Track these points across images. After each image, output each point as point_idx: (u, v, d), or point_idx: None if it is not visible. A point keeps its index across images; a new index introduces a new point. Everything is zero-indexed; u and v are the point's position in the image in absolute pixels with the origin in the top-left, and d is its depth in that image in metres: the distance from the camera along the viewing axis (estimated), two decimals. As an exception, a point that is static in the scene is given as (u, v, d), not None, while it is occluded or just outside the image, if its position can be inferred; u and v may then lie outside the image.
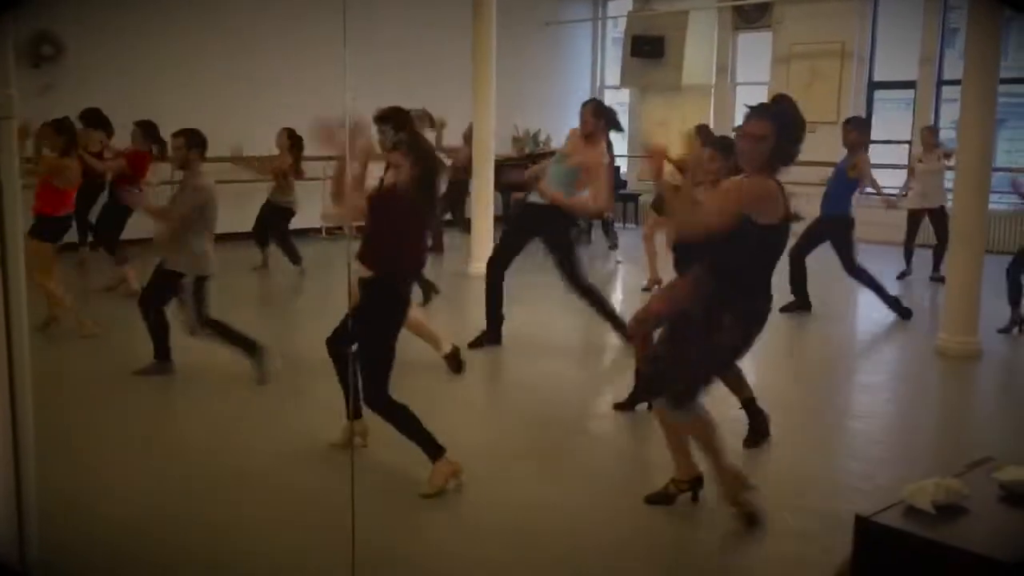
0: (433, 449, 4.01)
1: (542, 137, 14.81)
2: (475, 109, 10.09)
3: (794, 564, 3.50)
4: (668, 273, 5.63)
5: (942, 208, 9.59)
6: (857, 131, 7.96)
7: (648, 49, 14.43)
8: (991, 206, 7.50)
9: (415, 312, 5.31)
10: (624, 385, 5.42)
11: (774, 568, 3.50)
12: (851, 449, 4.98)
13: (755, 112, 3.57)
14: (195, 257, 5.52)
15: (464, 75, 10.27)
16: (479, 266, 9.88)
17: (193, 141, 5.55)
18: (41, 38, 10.29)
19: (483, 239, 9.84)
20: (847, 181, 7.88)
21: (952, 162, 8.65)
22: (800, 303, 8.02)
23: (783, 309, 7.90)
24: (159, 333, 5.73)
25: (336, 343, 4.42)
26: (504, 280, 6.62)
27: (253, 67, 11.77)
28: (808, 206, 8.18)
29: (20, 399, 3.12)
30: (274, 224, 9.80)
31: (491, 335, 6.67)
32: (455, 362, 5.89)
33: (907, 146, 12.34)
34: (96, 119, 8.62)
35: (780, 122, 3.52)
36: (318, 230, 12.40)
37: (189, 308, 5.52)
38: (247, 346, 5.60)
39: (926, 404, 6.01)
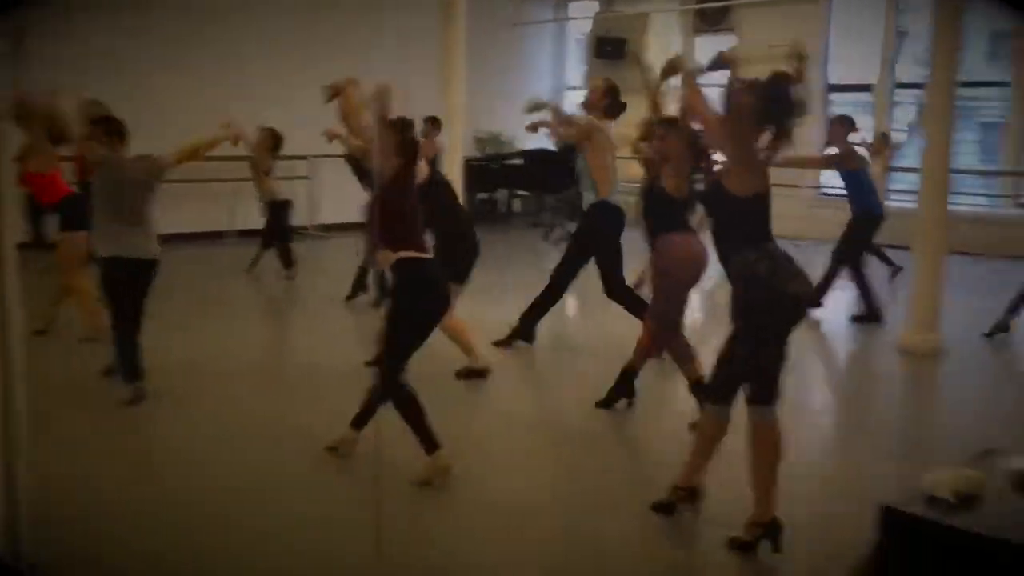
0: (430, 443, 4.08)
1: (505, 138, 14.87)
2: (445, 111, 10.06)
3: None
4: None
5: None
6: (842, 126, 7.99)
7: (611, 50, 14.56)
8: (954, 207, 7.66)
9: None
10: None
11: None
12: (825, 445, 5.09)
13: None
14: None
15: (430, 75, 10.24)
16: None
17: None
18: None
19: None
20: (852, 174, 7.90)
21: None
22: (870, 314, 7.96)
23: (854, 319, 8.02)
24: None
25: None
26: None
27: (236, 71, 11.74)
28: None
29: (10, 401, 3.08)
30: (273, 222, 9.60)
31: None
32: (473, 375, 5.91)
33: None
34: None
35: (759, 96, 3.47)
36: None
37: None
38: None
39: (895, 399, 6.17)
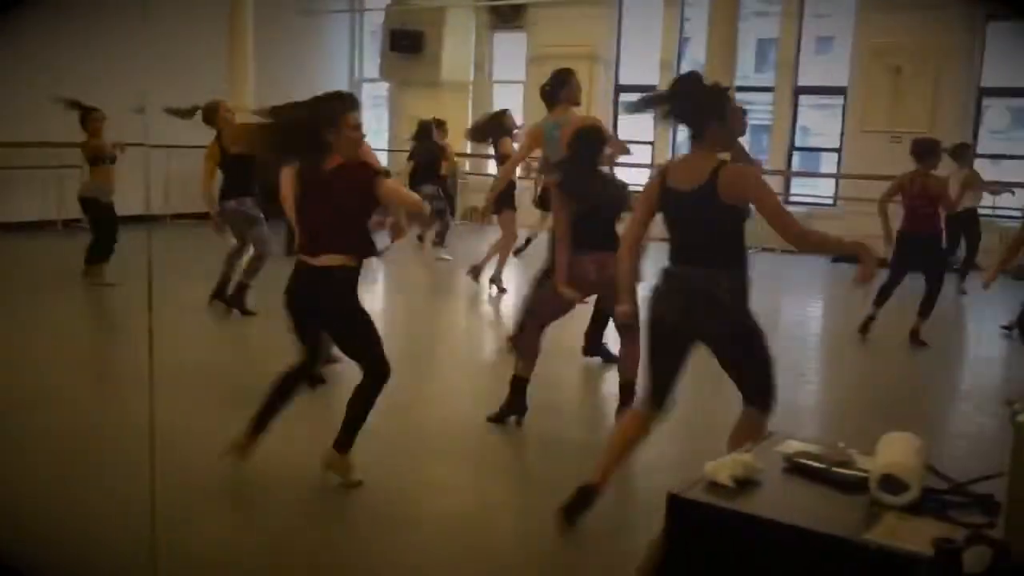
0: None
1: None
2: (231, 100, 9.72)
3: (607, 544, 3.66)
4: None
5: None
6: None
7: (407, 43, 14.50)
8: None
9: None
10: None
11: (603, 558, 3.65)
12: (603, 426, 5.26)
13: None
14: None
15: (217, 64, 9.84)
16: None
17: None
18: None
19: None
20: None
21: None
22: None
23: None
24: None
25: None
26: None
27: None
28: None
29: None
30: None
31: None
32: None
33: (650, 147, 13.22)
34: None
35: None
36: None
37: None
38: None
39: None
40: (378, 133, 15.81)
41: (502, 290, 8.79)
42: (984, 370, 7.13)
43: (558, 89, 6.13)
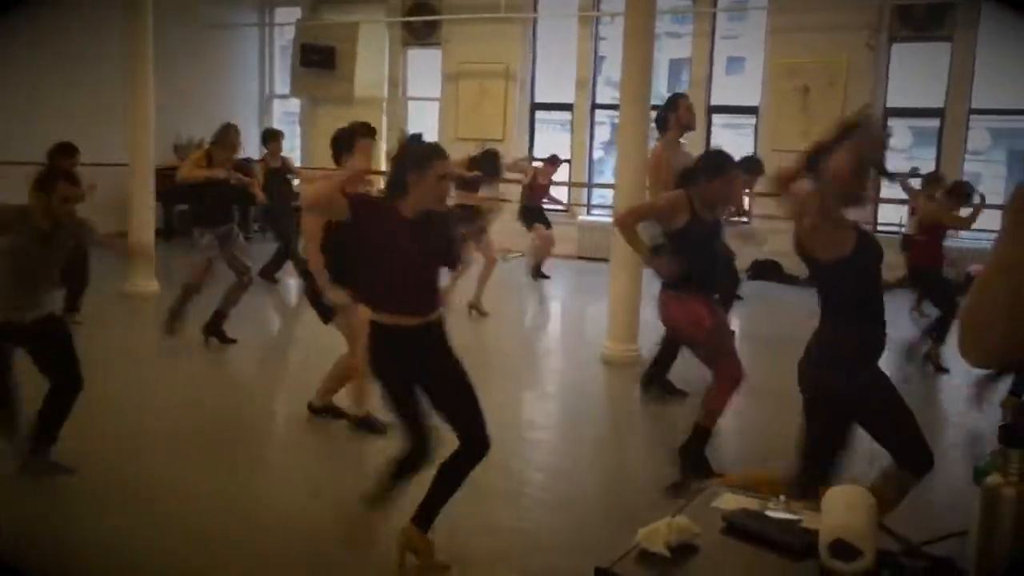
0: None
1: (207, 145, 13.99)
2: (131, 115, 9.31)
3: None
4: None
5: None
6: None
7: (318, 59, 14.16)
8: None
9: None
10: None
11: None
12: (532, 461, 5.07)
13: None
14: None
15: (115, 77, 9.43)
16: (139, 285, 9.10)
17: None
18: None
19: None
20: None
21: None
22: None
23: None
24: None
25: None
26: None
27: None
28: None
29: None
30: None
31: None
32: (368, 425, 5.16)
33: (567, 165, 13.13)
34: None
35: None
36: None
37: None
38: None
39: (597, 410, 6.35)
40: (291, 151, 15.40)
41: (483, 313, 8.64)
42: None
43: (668, 112, 6.02)
